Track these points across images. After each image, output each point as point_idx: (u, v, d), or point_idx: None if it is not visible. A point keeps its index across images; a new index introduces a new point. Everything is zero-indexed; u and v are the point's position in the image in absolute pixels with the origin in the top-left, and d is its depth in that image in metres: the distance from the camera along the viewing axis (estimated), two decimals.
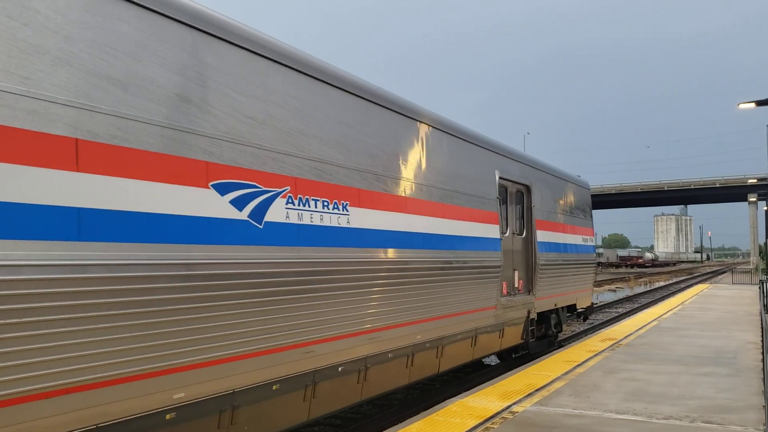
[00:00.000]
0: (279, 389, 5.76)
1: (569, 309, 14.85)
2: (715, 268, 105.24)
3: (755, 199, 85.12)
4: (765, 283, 20.50)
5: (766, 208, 52.68)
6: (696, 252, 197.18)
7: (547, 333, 13.44)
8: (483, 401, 7.16)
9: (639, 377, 8.49)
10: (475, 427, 6.08)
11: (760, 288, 22.50)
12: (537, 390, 7.71)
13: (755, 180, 77.86)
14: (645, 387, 7.87)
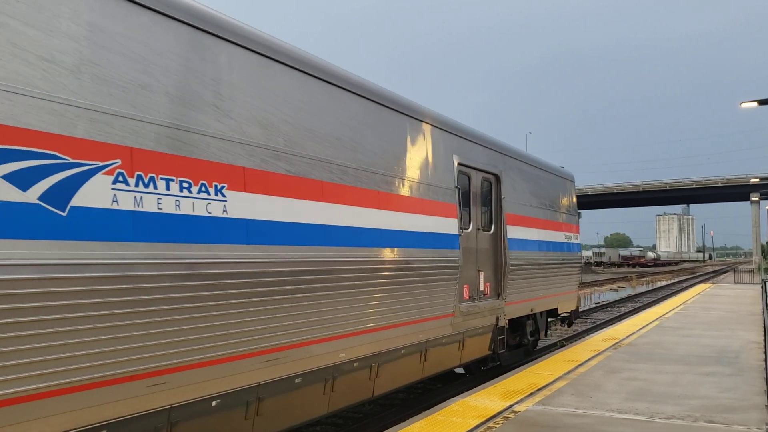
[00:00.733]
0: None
1: (550, 314, 13.33)
2: (717, 267, 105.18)
3: (757, 199, 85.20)
4: (767, 283, 20.45)
5: None
6: (698, 251, 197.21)
7: (522, 342, 12.02)
8: (485, 401, 7.15)
9: (641, 377, 8.46)
10: (477, 427, 6.06)
11: (762, 287, 22.43)
12: (539, 389, 7.70)
13: (757, 179, 77.94)
14: (647, 386, 7.85)
